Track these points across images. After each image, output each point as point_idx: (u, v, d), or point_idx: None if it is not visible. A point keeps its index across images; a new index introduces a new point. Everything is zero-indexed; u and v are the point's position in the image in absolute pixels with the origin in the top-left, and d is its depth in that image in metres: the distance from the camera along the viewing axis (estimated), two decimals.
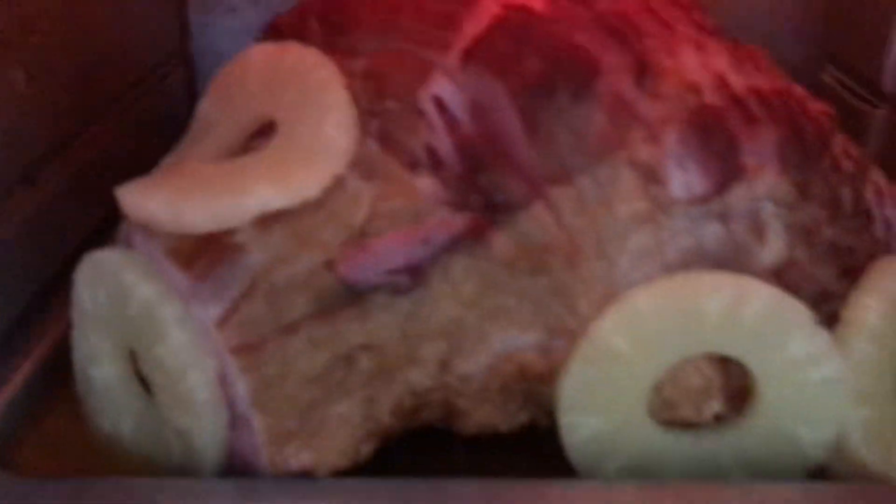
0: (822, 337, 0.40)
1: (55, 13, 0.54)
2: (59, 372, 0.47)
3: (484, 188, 0.39)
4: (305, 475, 0.39)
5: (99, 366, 0.44)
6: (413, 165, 0.40)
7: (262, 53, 0.45)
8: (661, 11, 0.45)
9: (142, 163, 0.46)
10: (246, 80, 0.45)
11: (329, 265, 0.38)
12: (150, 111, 0.69)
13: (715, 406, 0.42)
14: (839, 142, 0.45)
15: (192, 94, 0.77)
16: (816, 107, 0.44)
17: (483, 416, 0.42)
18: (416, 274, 0.38)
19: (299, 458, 0.39)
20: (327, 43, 0.44)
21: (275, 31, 0.48)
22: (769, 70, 0.45)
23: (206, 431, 0.40)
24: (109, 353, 0.44)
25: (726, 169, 0.40)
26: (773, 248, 0.42)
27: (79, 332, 0.45)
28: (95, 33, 0.61)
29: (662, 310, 0.40)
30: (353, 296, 0.39)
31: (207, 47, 0.78)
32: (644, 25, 0.43)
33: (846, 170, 0.44)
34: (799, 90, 0.45)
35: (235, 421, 0.40)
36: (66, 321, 0.46)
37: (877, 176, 0.48)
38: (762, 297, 0.40)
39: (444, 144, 0.39)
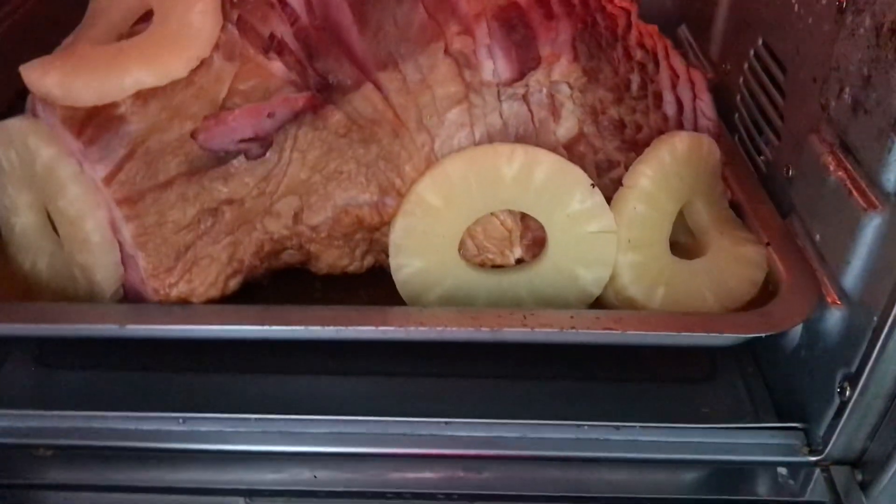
0: (597, 197, 0.50)
1: None
2: None
3: (321, 71, 0.47)
4: (184, 302, 0.49)
5: (17, 215, 0.53)
6: (266, 50, 0.48)
7: None
8: None
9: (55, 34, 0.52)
10: None
11: (193, 134, 0.46)
12: None
13: (517, 252, 0.52)
14: (635, 35, 0.53)
15: None
16: (617, 5, 0.53)
17: (332, 258, 0.52)
18: (264, 143, 0.47)
19: (178, 288, 0.49)
20: None
21: None
22: None
23: (102, 267, 0.49)
24: (26, 204, 0.53)
25: (526, 58, 0.49)
26: (566, 124, 0.51)
27: (0, 187, 0.54)
28: None
29: (467, 174, 0.49)
30: (218, 159, 0.48)
31: None
32: None
33: (638, 58, 0.52)
34: None
35: (125, 259, 0.49)
36: None
37: (677, 63, 0.57)
38: (548, 164, 0.49)
39: (286, 34, 0.47)
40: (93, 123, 0.47)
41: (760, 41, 0.66)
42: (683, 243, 0.56)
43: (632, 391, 0.54)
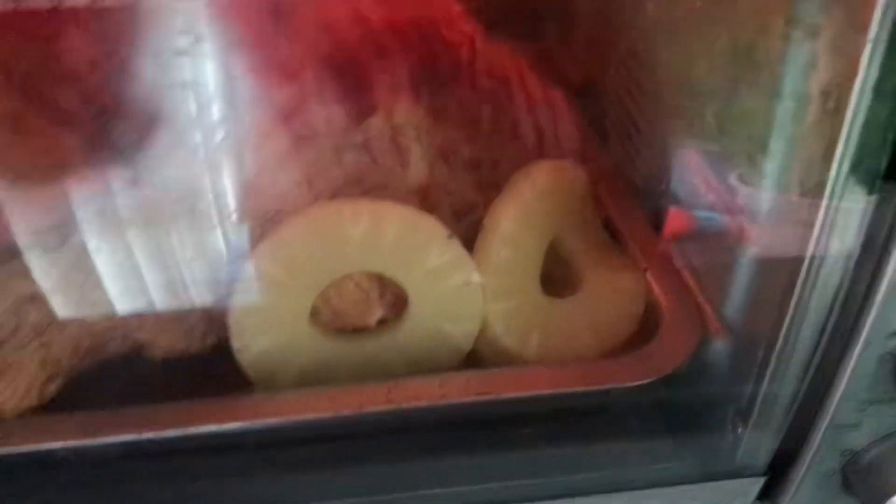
0: (455, 248, 0.45)
1: None
2: None
3: (109, 137, 0.41)
4: None
5: None
6: (57, 121, 0.41)
7: None
8: None
9: None
10: None
11: None
12: None
13: (377, 313, 0.47)
14: (482, 61, 0.48)
15: None
16: (459, 31, 0.48)
17: (167, 343, 0.46)
18: (62, 232, 0.40)
19: None
20: None
21: None
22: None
23: None
24: None
25: (361, 102, 0.44)
26: (415, 171, 0.46)
27: None
28: None
29: (308, 240, 0.44)
30: (15, 252, 0.41)
31: None
32: None
33: (486, 88, 0.48)
34: (444, 16, 0.48)
35: None
36: None
37: (533, 85, 0.52)
38: (398, 219, 0.44)
39: (72, 100, 0.41)
40: None
41: (625, 45, 0.62)
42: (560, 275, 0.52)
43: (518, 439, 0.50)
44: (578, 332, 0.49)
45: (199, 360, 0.48)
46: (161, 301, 0.45)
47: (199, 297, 0.45)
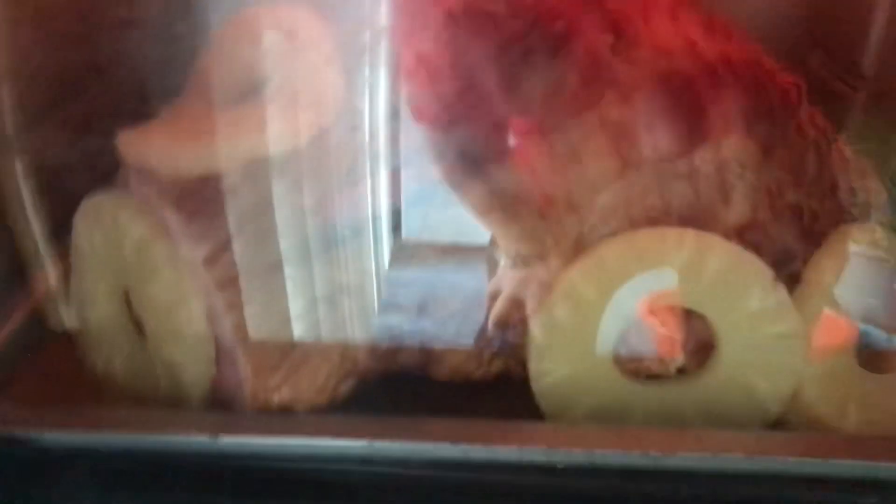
0: (780, 294, 0.42)
1: None
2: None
3: (460, 140, 0.41)
4: (285, 410, 0.41)
5: (94, 306, 0.47)
6: (396, 115, 0.42)
7: (257, 14, 0.47)
8: None
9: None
10: (243, 39, 0.47)
11: (315, 209, 0.40)
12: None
13: (678, 360, 0.44)
14: (806, 111, 0.46)
15: None
16: (785, 77, 0.46)
17: (457, 361, 0.44)
18: (394, 220, 0.40)
19: (280, 393, 0.41)
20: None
21: None
22: (741, 41, 0.46)
23: (193, 364, 0.42)
24: (104, 294, 0.46)
25: (693, 131, 0.42)
26: (738, 209, 0.43)
27: (76, 274, 0.47)
28: None
29: (626, 260, 0.41)
30: (336, 242, 0.41)
31: None
32: None
33: (812, 137, 0.46)
34: (769, 61, 0.47)
35: (221, 356, 0.42)
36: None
37: (843, 147, 0.50)
38: (723, 253, 0.41)
39: (424, 97, 0.41)
40: (195, 197, 0.41)
41: None
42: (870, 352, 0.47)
43: None
44: None
45: (480, 386, 0.46)
46: (457, 318, 0.44)
47: (504, 311, 0.43)
